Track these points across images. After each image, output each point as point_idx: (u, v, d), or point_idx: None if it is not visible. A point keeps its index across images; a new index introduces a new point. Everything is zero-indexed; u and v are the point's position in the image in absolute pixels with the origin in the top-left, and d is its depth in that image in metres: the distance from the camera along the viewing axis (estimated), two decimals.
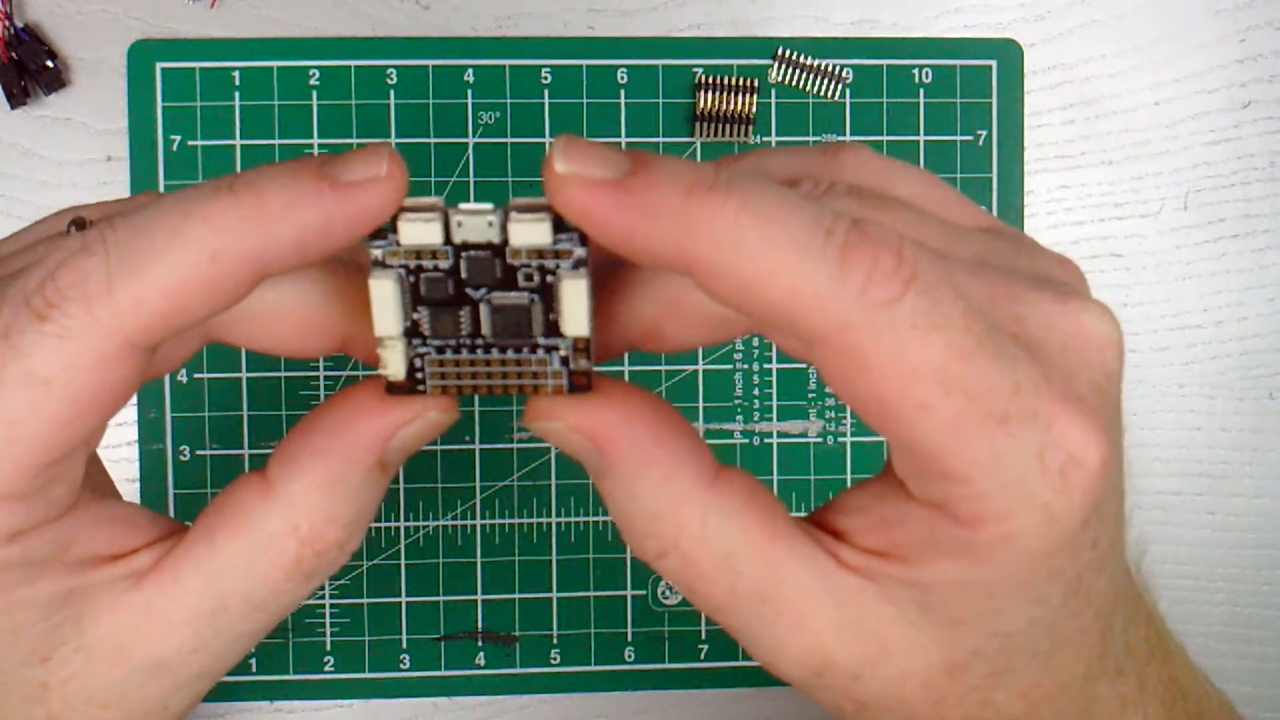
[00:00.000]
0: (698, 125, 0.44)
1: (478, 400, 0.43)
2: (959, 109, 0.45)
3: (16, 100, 0.42)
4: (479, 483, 0.44)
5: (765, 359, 0.44)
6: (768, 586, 0.21)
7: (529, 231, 0.20)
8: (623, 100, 0.44)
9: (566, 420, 0.21)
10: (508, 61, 0.43)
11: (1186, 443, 0.46)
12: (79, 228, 0.23)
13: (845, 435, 0.45)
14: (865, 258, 0.18)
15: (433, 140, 0.43)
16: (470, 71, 0.43)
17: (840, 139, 0.45)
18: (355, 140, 0.43)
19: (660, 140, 0.44)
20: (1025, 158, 0.45)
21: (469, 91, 0.43)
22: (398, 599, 0.44)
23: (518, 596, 0.44)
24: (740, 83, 0.44)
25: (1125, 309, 0.46)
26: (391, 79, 0.43)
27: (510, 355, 0.21)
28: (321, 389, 0.43)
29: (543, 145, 0.44)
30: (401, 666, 0.44)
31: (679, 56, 0.44)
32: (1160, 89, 0.46)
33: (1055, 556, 0.20)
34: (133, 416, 0.43)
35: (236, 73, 0.43)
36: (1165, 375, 0.46)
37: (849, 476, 0.45)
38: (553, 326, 0.21)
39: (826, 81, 0.44)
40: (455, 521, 0.44)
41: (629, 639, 0.44)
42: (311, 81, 0.43)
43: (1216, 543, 0.46)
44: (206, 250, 0.19)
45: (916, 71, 0.44)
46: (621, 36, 0.44)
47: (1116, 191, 0.46)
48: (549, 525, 0.44)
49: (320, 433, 0.22)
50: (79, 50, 0.43)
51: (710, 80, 0.44)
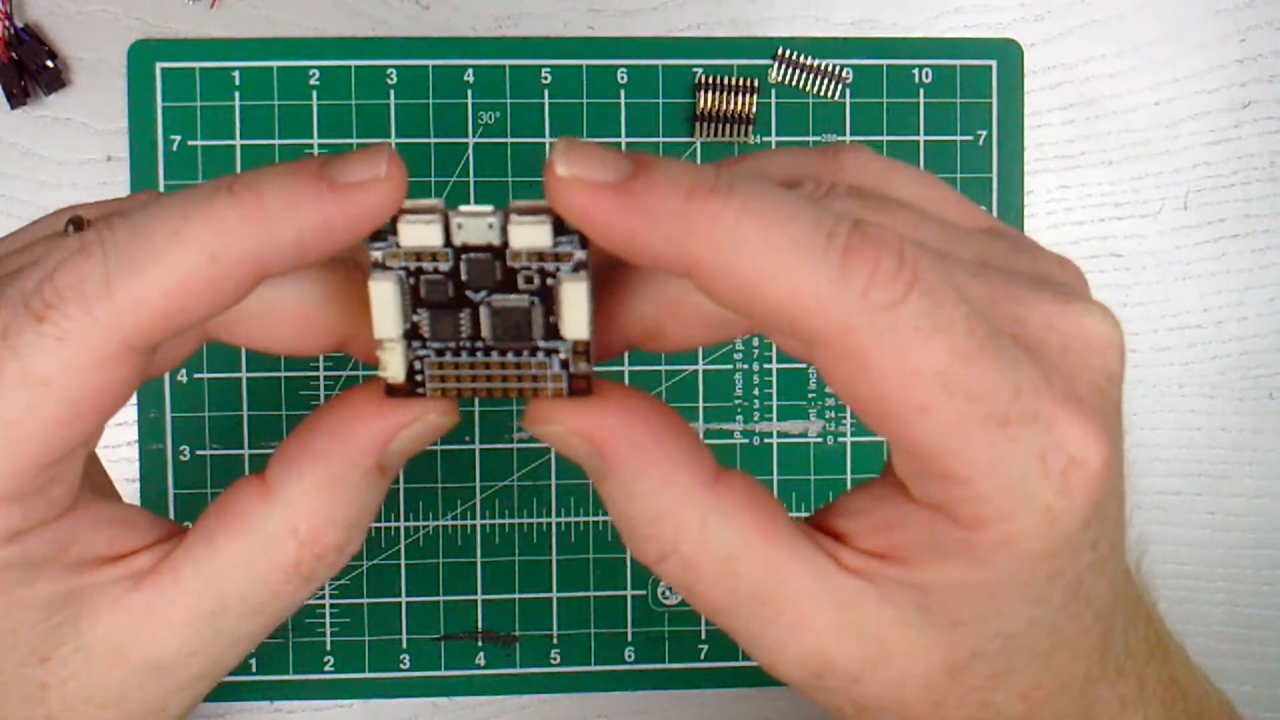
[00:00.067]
0: (698, 125, 0.44)
1: (478, 401, 0.43)
2: (959, 109, 0.45)
3: (16, 100, 0.42)
4: (479, 483, 0.44)
5: (765, 359, 0.44)
6: (768, 588, 0.21)
7: (529, 234, 0.20)
8: (623, 100, 0.44)
9: (566, 423, 0.21)
10: (508, 61, 0.43)
11: (1186, 443, 0.46)
12: (77, 228, 0.23)
13: (845, 435, 0.45)
14: (867, 260, 0.18)
15: (433, 140, 0.43)
16: (470, 71, 0.43)
17: (840, 139, 0.44)
18: (355, 140, 0.43)
19: (660, 140, 0.44)
20: (1025, 158, 0.45)
21: (469, 91, 0.43)
22: (398, 599, 0.44)
23: (518, 596, 0.44)
24: (740, 83, 0.44)
25: (1125, 309, 0.46)
26: (391, 79, 0.43)
27: (510, 358, 0.21)
28: (321, 389, 0.43)
29: (543, 145, 0.44)
30: (401, 666, 0.44)
31: (679, 56, 0.44)
32: (1160, 89, 0.46)
33: (1056, 558, 0.20)
34: (133, 416, 0.43)
35: (236, 73, 0.43)
36: (1165, 375, 0.46)
37: (849, 477, 0.45)
38: (552, 329, 0.21)
39: (826, 81, 0.44)
40: (455, 521, 0.44)
41: (629, 639, 0.44)
42: (311, 81, 0.43)
43: (1216, 543, 0.46)
44: (206, 251, 0.19)
45: (916, 71, 0.44)
46: (621, 36, 0.44)
47: (1116, 191, 0.46)
48: (549, 525, 0.44)
49: (319, 435, 0.22)
50: (79, 50, 0.43)
51: (710, 80, 0.44)
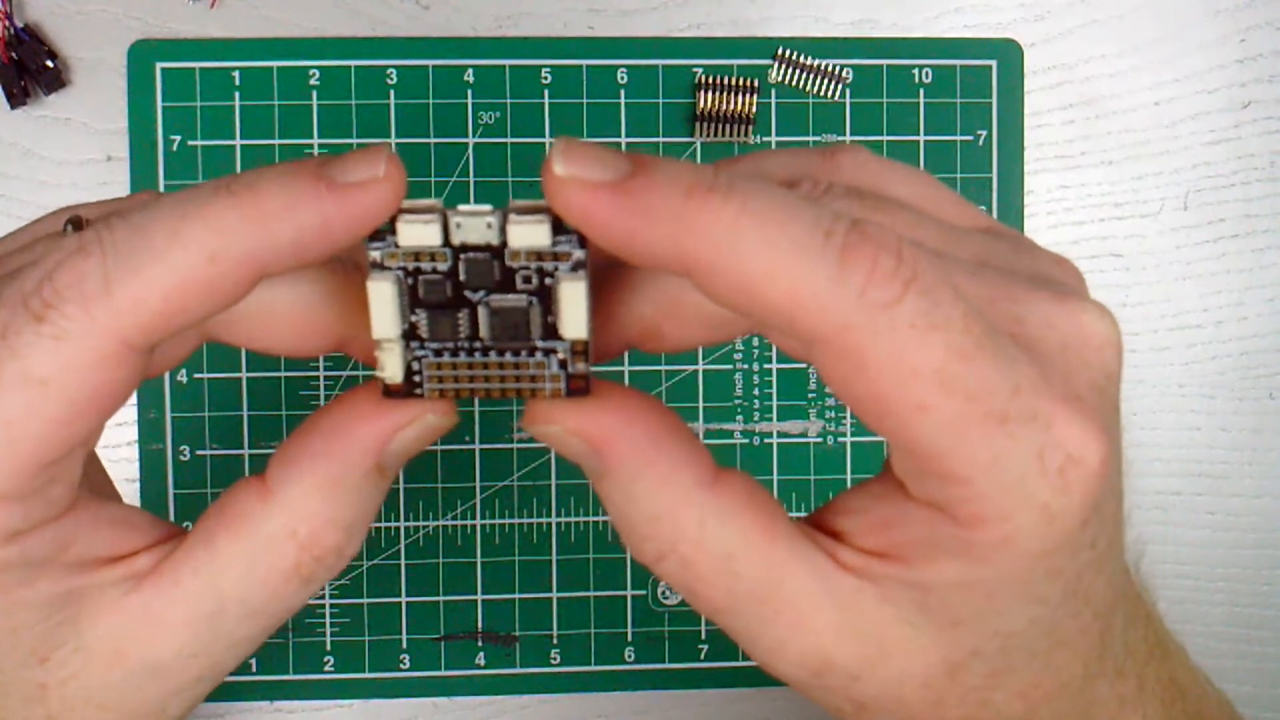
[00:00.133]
0: (698, 125, 0.44)
1: (478, 401, 0.43)
2: (959, 109, 0.45)
3: (16, 100, 0.42)
4: (479, 483, 0.44)
5: (765, 359, 0.44)
6: (766, 588, 0.21)
7: (528, 233, 0.20)
8: (623, 100, 0.44)
9: (565, 424, 0.21)
10: (508, 61, 0.43)
11: (1186, 443, 0.46)
12: (76, 227, 0.23)
13: (845, 435, 0.45)
14: (865, 259, 0.18)
15: (433, 140, 0.43)
16: (470, 71, 0.43)
17: (840, 139, 0.44)
18: (355, 140, 0.43)
19: (660, 140, 0.44)
20: (1025, 158, 0.45)
21: (469, 91, 0.43)
22: (398, 599, 0.44)
23: (518, 596, 0.44)
24: (740, 83, 0.44)
25: (1125, 309, 0.46)
26: (391, 79, 0.43)
27: (508, 358, 0.21)
28: (321, 389, 0.43)
29: (543, 145, 0.44)
30: (401, 666, 0.44)
31: (679, 56, 0.44)
32: (1160, 89, 0.46)
33: (1054, 556, 0.20)
34: (133, 416, 0.43)
35: (236, 73, 0.43)
36: (1165, 375, 0.46)
37: (849, 476, 0.45)
38: (551, 329, 0.21)
39: (826, 81, 0.44)
40: (455, 521, 0.44)
41: (629, 639, 0.44)
42: (311, 81, 0.43)
43: (1216, 543, 0.46)
44: (205, 251, 0.19)
45: (916, 71, 0.44)
46: (621, 36, 0.44)
47: (1116, 191, 0.46)
48: (549, 525, 0.44)
49: (318, 436, 0.22)
50: (79, 50, 0.43)
51: (710, 80, 0.44)
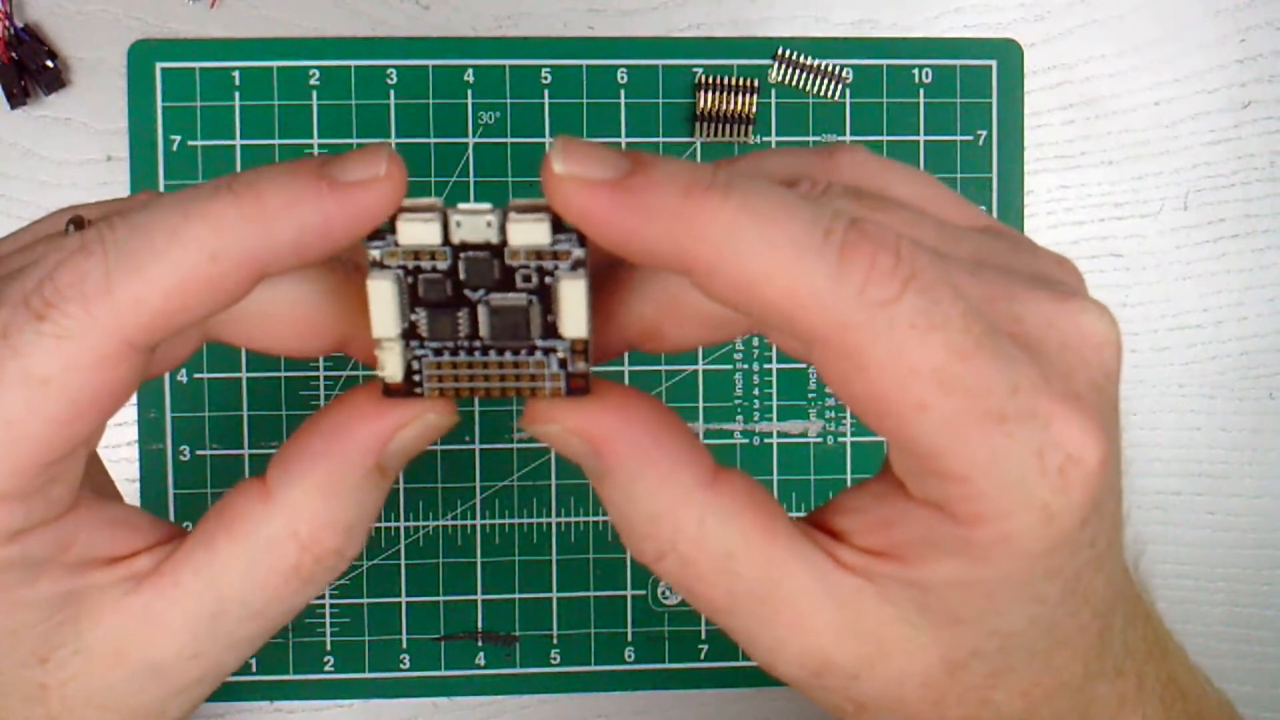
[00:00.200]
0: (698, 125, 0.44)
1: (478, 400, 0.43)
2: (959, 109, 0.45)
3: (16, 100, 0.42)
4: (479, 483, 0.44)
5: (765, 359, 0.44)
6: (766, 587, 0.21)
7: (527, 231, 0.20)
8: (623, 100, 0.44)
9: (564, 423, 0.21)
10: (508, 61, 0.43)
11: (1186, 443, 0.46)
12: (78, 227, 0.23)
13: (845, 435, 0.45)
14: (863, 257, 0.18)
15: (433, 140, 0.43)
16: (470, 71, 0.43)
17: (840, 139, 0.45)
18: (355, 140, 0.43)
19: (660, 140, 0.44)
20: (1025, 158, 0.45)
21: (469, 91, 0.43)
22: (398, 599, 0.44)
23: (518, 596, 0.44)
24: (740, 83, 0.44)
25: (1125, 309, 0.46)
26: (391, 79, 0.43)
27: (508, 357, 0.21)
28: (321, 389, 0.43)
29: (543, 145, 0.44)
30: (401, 666, 0.44)
31: (679, 56, 0.44)
32: (1160, 89, 0.46)
33: (1053, 555, 0.20)
34: (133, 416, 0.43)
35: (236, 73, 0.43)
36: (1165, 375, 0.46)
37: (849, 476, 0.45)
38: (551, 328, 0.21)
39: (826, 81, 0.44)
40: (455, 521, 0.44)
41: (629, 639, 0.44)
42: (311, 81, 0.43)
43: (1216, 543, 0.46)
44: (206, 250, 0.19)
45: (916, 71, 0.44)
46: (621, 36, 0.44)
47: (1116, 191, 0.46)
48: (549, 525, 0.44)
49: (318, 436, 0.22)
50: (79, 50, 0.43)
51: (710, 80, 0.44)
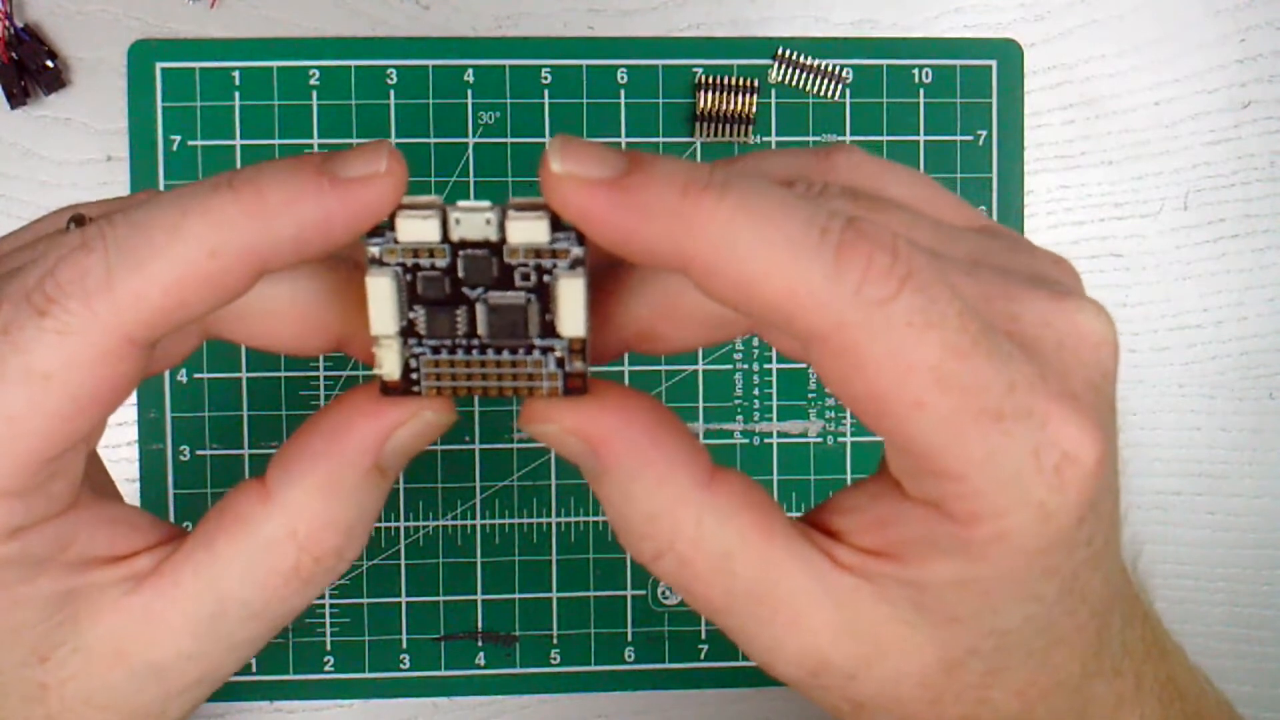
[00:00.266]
0: (698, 125, 0.44)
1: (477, 400, 0.43)
2: (959, 109, 0.45)
3: (16, 100, 0.42)
4: (479, 483, 0.44)
5: (765, 359, 0.44)
6: (764, 587, 0.21)
7: (526, 230, 0.20)
8: (623, 100, 0.44)
9: (562, 423, 0.21)
10: (508, 61, 0.44)
11: (1186, 443, 0.46)
12: (79, 224, 0.23)
13: (845, 435, 0.45)
14: (860, 256, 0.18)
15: (433, 140, 0.43)
16: (470, 71, 0.43)
17: (840, 139, 0.45)
18: (355, 140, 0.43)
19: (660, 140, 0.44)
20: (1025, 158, 0.45)
21: (469, 91, 0.43)
22: (398, 599, 0.44)
23: (518, 596, 0.44)
24: (740, 83, 0.44)
25: (1125, 309, 0.46)
26: (391, 79, 0.43)
27: (506, 356, 0.21)
28: (321, 389, 0.43)
29: (543, 145, 0.44)
30: (401, 666, 0.44)
31: (679, 56, 0.44)
32: (1160, 89, 0.46)
33: (1050, 554, 0.20)
34: (133, 416, 0.43)
35: (236, 73, 0.43)
36: (1165, 375, 0.46)
37: (849, 476, 0.45)
38: (549, 327, 0.21)
39: (826, 81, 0.44)
40: (455, 521, 0.44)
41: (629, 639, 0.44)
42: (311, 81, 0.43)
43: (1216, 543, 0.46)
44: (206, 245, 0.19)
45: (916, 71, 0.44)
46: (621, 36, 0.44)
47: (1116, 191, 0.46)
48: (549, 525, 0.44)
49: (317, 437, 0.22)
50: (79, 50, 0.43)
51: (710, 80, 0.44)
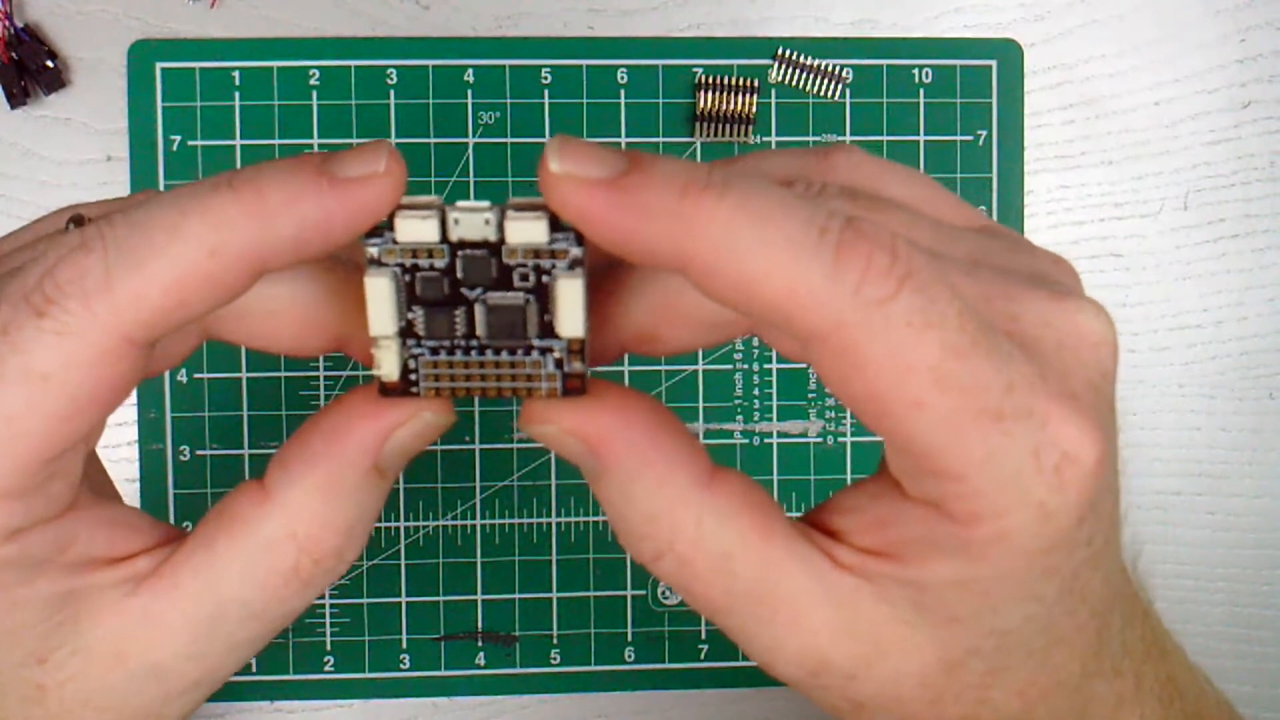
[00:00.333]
0: (698, 125, 0.44)
1: (477, 400, 0.43)
2: (959, 109, 0.45)
3: (16, 100, 0.42)
4: (479, 483, 0.44)
5: (765, 359, 0.44)
6: (763, 587, 0.21)
7: (525, 230, 0.20)
8: (623, 100, 0.44)
9: (561, 423, 0.21)
10: (508, 61, 0.44)
11: (1186, 443, 0.46)
12: (78, 225, 0.23)
13: (845, 435, 0.45)
14: (860, 256, 0.18)
15: (433, 140, 0.43)
16: (470, 71, 0.43)
17: (840, 139, 0.45)
18: (355, 140, 0.43)
19: (660, 140, 0.44)
20: (1025, 158, 0.45)
21: (469, 91, 0.43)
22: (398, 599, 0.44)
23: (518, 596, 0.44)
24: (740, 83, 0.44)
25: (1125, 309, 0.46)
26: (391, 79, 0.43)
27: (504, 357, 0.21)
28: (321, 389, 0.43)
29: (542, 145, 0.43)
30: (401, 666, 0.44)
31: (679, 56, 0.44)
32: (1160, 89, 0.46)
33: (1050, 554, 0.20)
34: (133, 416, 0.43)
35: (236, 73, 0.43)
36: (1165, 375, 0.46)
37: (849, 476, 0.45)
38: (548, 328, 0.21)
39: (826, 81, 0.44)
40: (455, 521, 0.44)
41: (629, 639, 0.44)
42: (311, 81, 0.43)
43: (1216, 543, 0.46)
44: (205, 245, 0.19)
45: (916, 71, 0.44)
46: (621, 36, 0.44)
47: (1116, 191, 0.46)
48: (549, 525, 0.44)
49: (316, 438, 0.22)
50: (79, 50, 0.43)
51: (710, 80, 0.44)
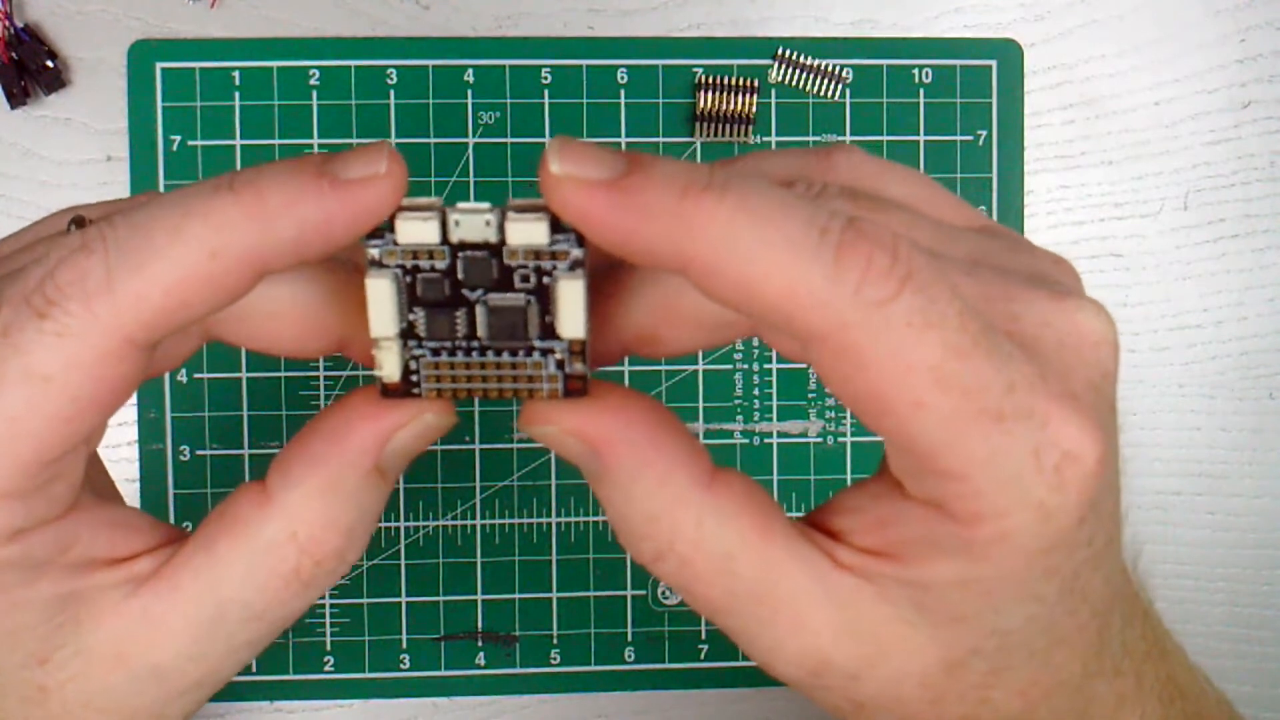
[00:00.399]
0: (698, 125, 0.44)
1: (478, 401, 0.43)
2: (959, 109, 0.45)
3: (16, 100, 0.42)
4: (479, 483, 0.44)
5: (765, 359, 0.44)
6: (764, 587, 0.21)
7: (526, 231, 0.20)
8: (623, 100, 0.44)
9: (562, 424, 0.21)
10: (508, 61, 0.44)
11: (1186, 443, 0.46)
12: (79, 226, 0.23)
13: (845, 435, 0.45)
14: (860, 256, 0.18)
15: (433, 140, 0.43)
16: (470, 71, 0.43)
17: (840, 139, 0.45)
18: (355, 140, 0.43)
19: (660, 140, 0.44)
20: (1025, 158, 0.45)
21: (469, 91, 0.43)
22: (398, 599, 0.44)
23: (518, 596, 0.44)
24: (740, 83, 0.44)
25: (1125, 309, 0.46)
26: (391, 79, 0.43)
27: (506, 358, 0.21)
28: (321, 390, 0.43)
29: (543, 145, 0.44)
30: (401, 666, 0.44)
31: (679, 56, 0.44)
32: (1160, 89, 0.46)
33: (1051, 554, 0.20)
34: (133, 416, 0.43)
35: (236, 73, 0.43)
36: (1165, 375, 0.46)
37: (849, 476, 0.45)
38: (549, 329, 0.21)
39: (826, 81, 0.44)
40: (455, 521, 0.44)
41: (629, 639, 0.44)
42: (311, 81, 0.43)
43: (1216, 543, 0.46)
44: (206, 247, 0.19)
45: (916, 71, 0.44)
46: (621, 36, 0.44)
47: (1116, 191, 0.46)
48: (549, 525, 0.44)
49: (317, 439, 0.22)
50: (79, 50, 0.43)
51: (710, 80, 0.44)
